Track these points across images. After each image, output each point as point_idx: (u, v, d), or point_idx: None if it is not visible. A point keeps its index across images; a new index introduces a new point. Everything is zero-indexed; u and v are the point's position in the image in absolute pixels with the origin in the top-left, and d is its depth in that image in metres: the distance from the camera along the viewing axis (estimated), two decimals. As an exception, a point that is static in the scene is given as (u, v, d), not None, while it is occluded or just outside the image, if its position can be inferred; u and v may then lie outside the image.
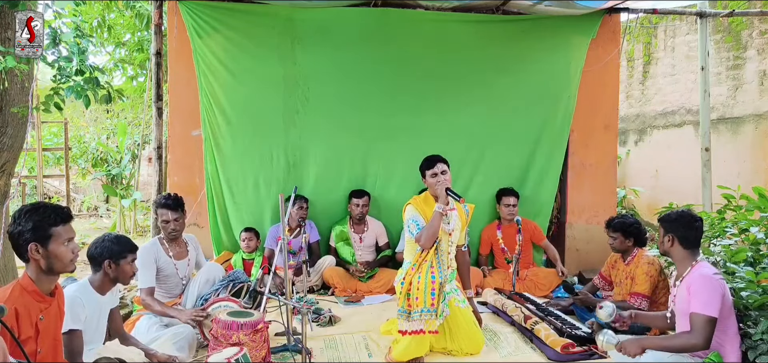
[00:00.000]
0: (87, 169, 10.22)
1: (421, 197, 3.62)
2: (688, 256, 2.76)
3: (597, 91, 5.37)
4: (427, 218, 3.46)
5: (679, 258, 2.80)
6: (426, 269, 3.31)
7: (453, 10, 5.17)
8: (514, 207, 5.01)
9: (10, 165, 3.84)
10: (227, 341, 2.90)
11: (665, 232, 2.83)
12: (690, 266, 2.74)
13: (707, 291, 2.57)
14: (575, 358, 3.33)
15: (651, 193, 7.95)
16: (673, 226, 2.79)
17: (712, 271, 2.67)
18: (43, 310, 2.14)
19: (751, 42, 7.02)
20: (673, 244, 2.79)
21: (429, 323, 3.23)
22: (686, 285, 2.69)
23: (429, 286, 3.24)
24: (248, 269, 4.75)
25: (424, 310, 3.22)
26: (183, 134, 5.07)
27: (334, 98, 5.09)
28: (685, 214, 2.83)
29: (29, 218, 2.10)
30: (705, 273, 2.65)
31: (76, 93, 3.77)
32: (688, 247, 2.76)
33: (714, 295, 2.57)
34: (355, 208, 5.00)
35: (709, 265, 2.75)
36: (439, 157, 3.54)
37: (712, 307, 2.55)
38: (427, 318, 3.22)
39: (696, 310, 2.58)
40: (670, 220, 2.83)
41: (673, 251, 2.80)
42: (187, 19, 4.82)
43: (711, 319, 2.55)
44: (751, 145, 6.88)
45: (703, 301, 2.56)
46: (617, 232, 3.91)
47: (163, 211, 3.71)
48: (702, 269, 2.68)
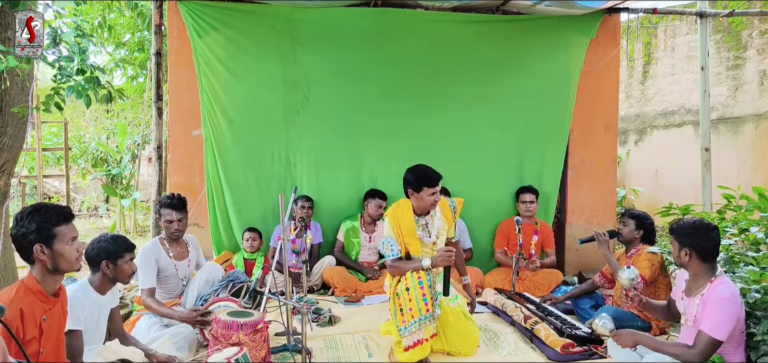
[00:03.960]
0: (87, 169, 10.21)
1: (401, 207, 3.39)
2: (708, 270, 2.64)
3: (597, 91, 5.37)
4: (403, 234, 3.30)
5: (697, 272, 2.67)
6: (412, 277, 3.17)
7: (453, 10, 5.17)
8: (532, 204, 5.02)
9: (10, 165, 3.84)
10: (227, 341, 2.90)
11: (681, 245, 2.68)
12: (709, 282, 2.61)
13: (722, 314, 2.49)
14: (575, 358, 3.32)
15: (651, 193, 7.96)
16: (690, 240, 2.65)
17: (729, 292, 2.55)
18: (47, 311, 2.15)
19: (751, 42, 7.03)
20: (690, 258, 2.65)
21: (427, 330, 3.15)
22: (703, 301, 2.58)
23: (419, 293, 3.12)
24: (250, 269, 4.74)
25: (421, 319, 3.12)
26: (183, 134, 5.07)
27: (334, 98, 5.09)
28: (699, 226, 2.68)
29: (32, 219, 2.10)
30: (724, 294, 2.53)
31: (76, 92, 3.77)
32: (707, 261, 2.63)
33: (728, 319, 2.49)
34: (376, 209, 4.97)
35: (729, 283, 2.63)
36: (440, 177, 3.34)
37: (722, 332, 2.48)
38: (425, 325, 3.14)
39: (705, 329, 2.50)
40: (685, 234, 2.68)
41: (692, 265, 2.67)
42: (187, 19, 4.82)
43: (717, 342, 2.49)
44: (751, 145, 6.88)
45: (714, 323, 2.49)
46: (632, 219, 3.90)
47: (167, 211, 3.70)
48: (721, 289, 2.56)
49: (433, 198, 3.30)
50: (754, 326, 2.77)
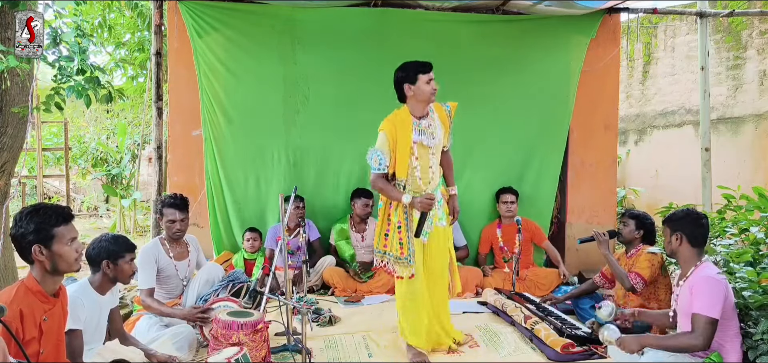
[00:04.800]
0: (87, 169, 10.22)
1: (399, 115, 3.33)
2: (694, 255, 2.77)
3: (597, 91, 5.37)
4: (397, 148, 3.24)
5: (685, 258, 2.79)
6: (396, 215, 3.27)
7: (453, 10, 5.17)
8: (513, 205, 5.01)
9: (10, 165, 3.85)
10: (227, 341, 2.90)
11: (672, 231, 2.81)
12: (694, 266, 2.74)
13: (709, 292, 2.58)
14: (575, 358, 3.32)
15: (651, 193, 7.95)
16: (681, 225, 2.79)
17: (714, 272, 2.67)
18: (47, 311, 2.15)
19: (751, 42, 7.03)
20: (681, 242, 2.78)
21: (404, 270, 3.25)
22: (689, 285, 2.69)
23: (397, 236, 3.25)
24: (250, 269, 4.75)
25: (399, 258, 3.24)
26: (183, 134, 5.07)
27: (334, 98, 5.09)
28: (691, 213, 2.83)
29: (31, 220, 2.10)
30: (708, 274, 2.65)
31: (77, 92, 3.77)
32: (696, 246, 2.76)
33: (716, 296, 2.57)
34: (363, 208, 4.98)
35: (712, 266, 2.75)
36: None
37: (713, 309, 2.55)
38: (401, 264, 3.25)
39: (697, 310, 2.58)
40: (677, 219, 2.82)
41: (681, 250, 2.79)
42: (187, 19, 4.82)
43: (712, 320, 2.55)
44: (751, 145, 6.88)
45: (705, 302, 2.57)
46: (632, 219, 3.92)
47: (170, 210, 3.70)
48: (705, 270, 2.68)
49: (431, 85, 3.22)
50: (752, 326, 2.78)
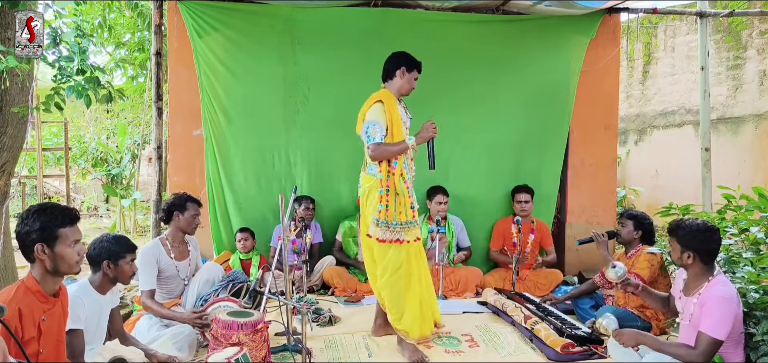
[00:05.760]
0: (87, 169, 10.22)
1: (387, 95, 3.50)
2: (706, 270, 2.66)
3: (597, 91, 5.37)
4: (393, 122, 3.38)
5: (696, 273, 2.68)
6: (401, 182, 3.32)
7: (453, 10, 5.17)
8: (527, 204, 5.01)
9: (10, 165, 3.85)
10: (227, 341, 2.90)
11: (684, 248, 2.67)
12: (706, 282, 2.64)
13: (721, 313, 2.50)
14: (575, 358, 3.32)
15: (651, 193, 7.96)
16: (693, 243, 2.64)
17: (727, 291, 2.57)
18: (46, 311, 2.15)
19: (751, 42, 7.03)
20: (693, 260, 2.65)
21: (412, 233, 3.34)
22: (700, 301, 2.60)
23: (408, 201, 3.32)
24: (246, 269, 4.76)
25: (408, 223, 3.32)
26: (183, 134, 5.07)
27: (334, 98, 5.08)
28: (702, 228, 2.66)
29: (37, 218, 2.10)
30: (721, 293, 2.55)
31: (77, 92, 3.77)
32: (708, 263, 2.66)
33: (727, 318, 2.50)
34: None
35: (726, 282, 2.65)
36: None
37: (721, 331, 2.49)
38: (409, 229, 3.33)
39: (705, 329, 2.51)
40: (688, 235, 2.66)
41: (693, 267, 2.68)
42: (187, 19, 4.82)
43: (718, 342, 2.50)
44: (751, 145, 6.89)
45: (714, 322, 2.50)
46: (630, 220, 3.91)
47: (193, 205, 3.79)
48: (719, 289, 2.57)
49: (414, 84, 3.56)
50: (753, 326, 2.78)
